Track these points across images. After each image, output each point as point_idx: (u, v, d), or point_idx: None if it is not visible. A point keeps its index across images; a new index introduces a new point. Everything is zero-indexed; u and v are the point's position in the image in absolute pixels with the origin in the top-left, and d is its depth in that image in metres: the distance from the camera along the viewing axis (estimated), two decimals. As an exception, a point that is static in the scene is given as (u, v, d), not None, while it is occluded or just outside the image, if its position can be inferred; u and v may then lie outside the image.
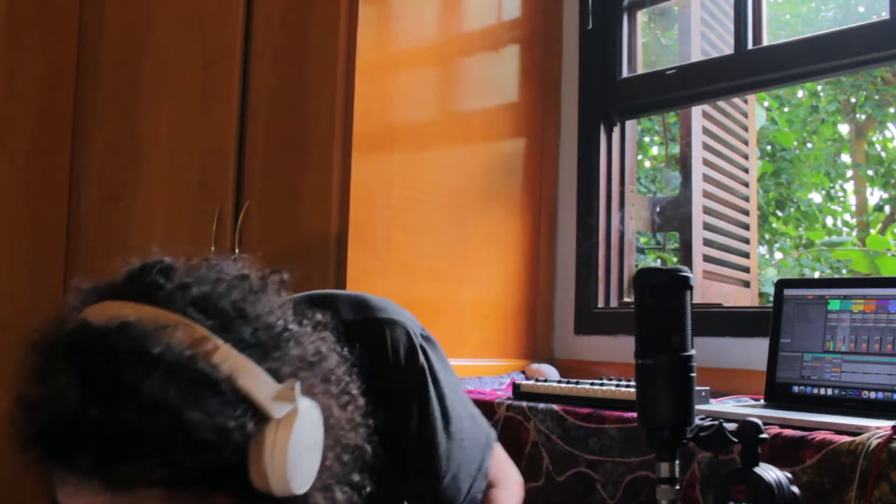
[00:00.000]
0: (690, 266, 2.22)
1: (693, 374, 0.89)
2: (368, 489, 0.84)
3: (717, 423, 0.89)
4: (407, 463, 0.99)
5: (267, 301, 0.77)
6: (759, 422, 0.87)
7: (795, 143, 6.90)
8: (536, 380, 1.68)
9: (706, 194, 2.36)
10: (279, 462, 0.70)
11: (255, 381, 0.70)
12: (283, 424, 0.70)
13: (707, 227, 2.34)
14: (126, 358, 0.66)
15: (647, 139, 6.25)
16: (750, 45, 1.89)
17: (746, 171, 2.60)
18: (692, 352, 0.89)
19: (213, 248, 1.87)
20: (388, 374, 0.96)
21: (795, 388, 1.43)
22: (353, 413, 0.82)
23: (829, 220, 7.23)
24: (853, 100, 6.91)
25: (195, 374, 0.67)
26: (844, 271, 5.47)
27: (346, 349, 0.86)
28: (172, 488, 0.68)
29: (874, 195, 7.03)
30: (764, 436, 0.86)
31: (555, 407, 1.50)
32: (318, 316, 0.84)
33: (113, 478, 0.66)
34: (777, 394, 1.44)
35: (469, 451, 1.04)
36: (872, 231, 6.40)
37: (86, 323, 0.70)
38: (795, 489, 0.86)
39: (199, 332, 0.69)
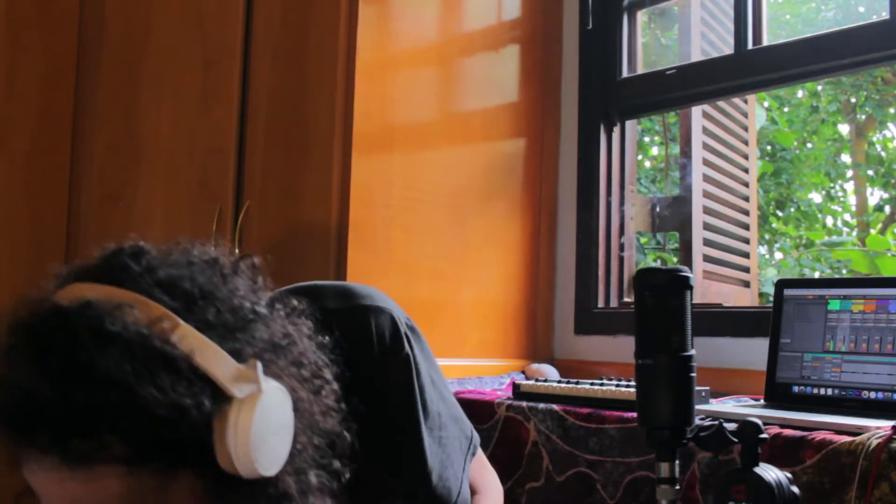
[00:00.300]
0: (690, 266, 2.22)
1: (693, 374, 0.89)
2: (348, 476, 0.83)
3: (717, 423, 0.89)
4: (394, 455, 0.98)
5: (236, 284, 0.78)
6: (759, 422, 0.87)
7: (795, 143, 6.90)
8: (536, 380, 1.68)
9: (706, 194, 2.36)
10: (242, 442, 0.70)
11: (215, 360, 0.71)
12: (246, 404, 0.71)
13: (707, 227, 2.34)
14: (83, 336, 0.67)
15: (647, 139, 6.25)
16: (750, 45, 1.89)
17: (746, 171, 2.60)
18: (692, 352, 0.89)
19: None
20: (373, 360, 0.95)
21: (795, 388, 1.43)
22: (327, 398, 0.82)
23: (829, 220, 7.23)
24: (853, 100, 6.91)
25: (151, 351, 0.68)
26: (844, 271, 5.47)
27: (326, 337, 0.86)
28: (132, 465, 0.68)
29: (874, 195, 7.04)
30: (764, 436, 0.86)
31: (555, 407, 1.50)
32: (294, 302, 0.85)
33: (71, 454, 0.67)
34: (777, 394, 1.45)
35: (449, 451, 1.03)
36: (872, 231, 6.41)
37: (51, 304, 0.71)
38: (795, 489, 0.86)
39: (158, 312, 0.70)
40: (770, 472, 0.85)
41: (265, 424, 0.72)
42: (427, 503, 1.00)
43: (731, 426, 0.89)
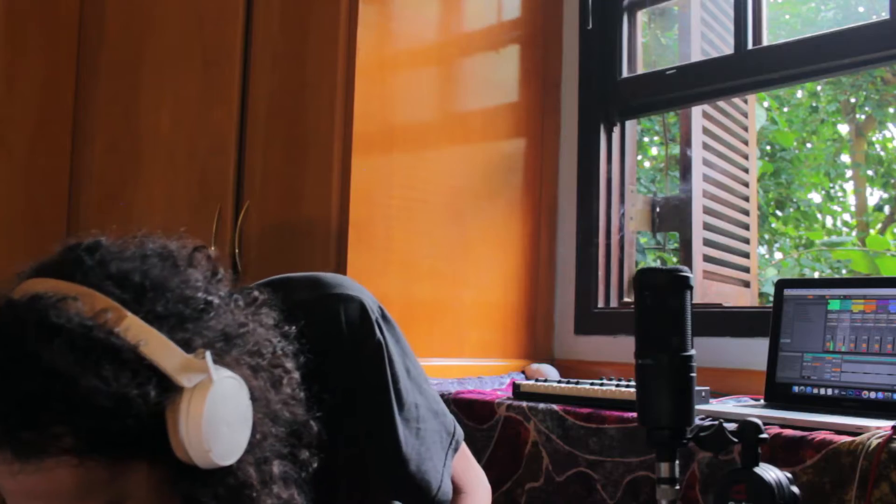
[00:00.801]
0: (690, 266, 2.22)
1: (693, 374, 0.89)
2: (315, 465, 0.83)
3: (717, 423, 0.89)
4: (368, 446, 0.97)
5: (189, 276, 0.79)
6: (759, 422, 0.87)
7: (795, 143, 6.91)
8: (536, 380, 1.68)
9: (706, 194, 2.36)
10: (194, 431, 0.71)
11: (162, 350, 0.71)
12: (196, 394, 0.71)
13: (707, 227, 2.34)
14: (29, 329, 0.68)
15: (647, 139, 6.25)
16: (750, 45, 1.89)
17: (746, 171, 2.60)
18: (692, 352, 0.89)
19: (213, 248, 1.87)
20: (343, 349, 0.94)
21: (795, 388, 1.43)
22: (287, 387, 0.82)
23: (829, 220, 7.24)
24: (853, 100, 6.92)
25: (94, 342, 0.69)
26: (844, 271, 5.48)
27: (293, 327, 0.86)
28: (82, 456, 0.69)
29: (874, 195, 7.04)
30: (764, 436, 0.86)
31: (555, 407, 1.50)
32: (256, 293, 0.85)
33: (21, 446, 0.68)
34: (777, 394, 1.44)
35: (429, 444, 1.02)
36: (872, 231, 6.41)
37: (6, 298, 0.73)
38: (795, 489, 0.86)
39: (103, 303, 0.71)
40: (770, 472, 0.85)
41: (218, 413, 0.72)
42: (404, 495, 0.99)
43: (731, 426, 0.89)
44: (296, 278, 1.00)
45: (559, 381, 1.63)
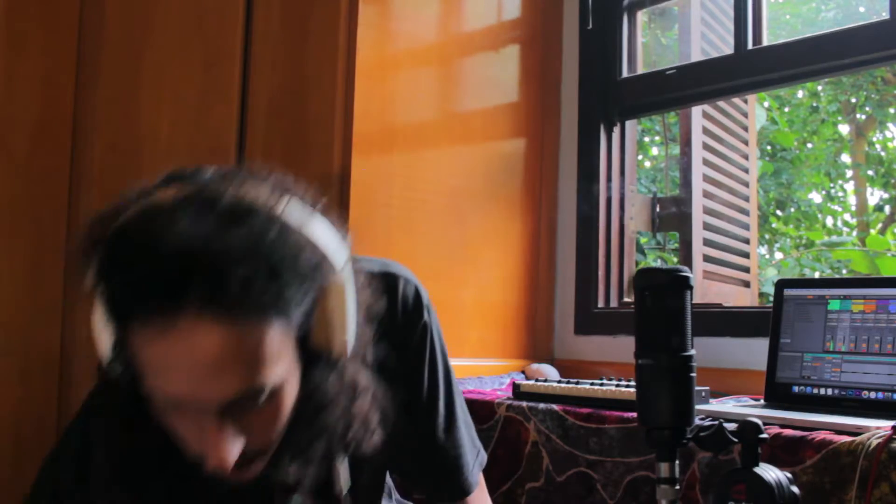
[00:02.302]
0: (690, 266, 2.22)
1: (693, 374, 0.89)
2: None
3: (717, 423, 0.89)
4: (410, 417, 1.02)
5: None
6: (759, 422, 0.87)
7: (795, 143, 6.91)
8: (536, 380, 1.68)
9: (706, 194, 2.36)
10: (339, 314, 0.79)
11: (325, 234, 0.81)
12: (347, 279, 0.81)
13: (707, 227, 2.34)
14: (225, 209, 0.74)
15: (647, 139, 6.25)
16: (750, 45, 1.89)
17: (746, 171, 2.60)
18: (692, 352, 0.89)
19: None
20: (396, 323, 1.02)
21: (795, 388, 1.43)
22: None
23: (830, 220, 7.24)
24: (853, 100, 6.92)
25: (276, 218, 0.76)
26: (844, 271, 5.48)
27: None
28: (283, 318, 0.75)
29: (874, 195, 7.05)
30: (764, 436, 0.86)
31: (555, 407, 1.50)
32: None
33: (227, 308, 0.72)
34: (777, 394, 1.44)
35: (463, 442, 1.09)
36: (872, 231, 6.41)
37: (194, 184, 0.81)
38: (795, 489, 0.86)
39: (265, 190, 0.80)
40: (770, 472, 0.85)
41: (353, 302, 0.82)
42: (434, 472, 1.07)
43: (731, 426, 0.89)
44: (368, 258, 1.07)
45: (559, 381, 1.63)
